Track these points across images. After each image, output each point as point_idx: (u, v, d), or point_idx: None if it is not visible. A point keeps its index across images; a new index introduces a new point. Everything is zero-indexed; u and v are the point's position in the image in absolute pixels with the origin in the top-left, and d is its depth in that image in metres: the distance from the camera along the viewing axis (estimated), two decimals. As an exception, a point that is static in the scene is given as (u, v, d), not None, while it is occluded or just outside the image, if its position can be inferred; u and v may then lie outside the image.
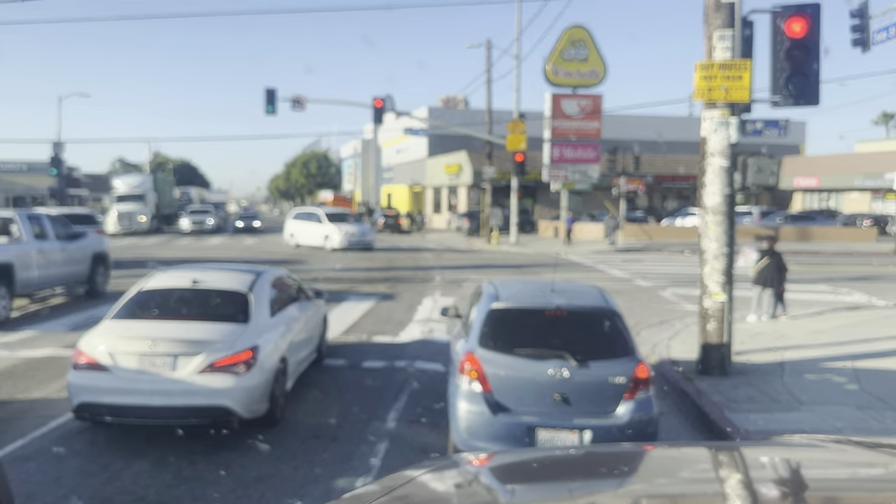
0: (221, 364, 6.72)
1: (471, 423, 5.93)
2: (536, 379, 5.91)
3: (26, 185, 55.76)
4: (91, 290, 16.08)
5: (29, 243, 13.95)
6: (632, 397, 5.91)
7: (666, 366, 9.97)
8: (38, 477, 6.12)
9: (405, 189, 69.16)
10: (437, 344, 11.49)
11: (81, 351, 6.89)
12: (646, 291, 17.97)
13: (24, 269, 13.57)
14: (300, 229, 32.43)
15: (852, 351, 10.63)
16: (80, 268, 15.64)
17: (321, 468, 6.38)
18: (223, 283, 7.94)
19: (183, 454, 6.56)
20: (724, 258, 9.27)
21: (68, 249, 15.17)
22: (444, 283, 19.45)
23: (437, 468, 2.42)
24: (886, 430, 7.23)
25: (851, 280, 20.23)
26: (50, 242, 14.60)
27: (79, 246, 15.63)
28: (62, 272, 14.99)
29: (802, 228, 38.02)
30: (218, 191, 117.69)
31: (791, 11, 8.97)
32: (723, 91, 8.89)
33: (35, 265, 13.93)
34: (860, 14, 17.57)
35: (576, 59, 35.66)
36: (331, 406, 8.19)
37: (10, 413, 7.80)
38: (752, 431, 7.08)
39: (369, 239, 31.10)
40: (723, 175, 9.19)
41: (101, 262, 16.54)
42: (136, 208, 43.52)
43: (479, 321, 6.37)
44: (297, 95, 32.03)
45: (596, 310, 6.45)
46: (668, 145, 55.87)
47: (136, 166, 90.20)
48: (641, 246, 33.63)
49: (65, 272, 15.09)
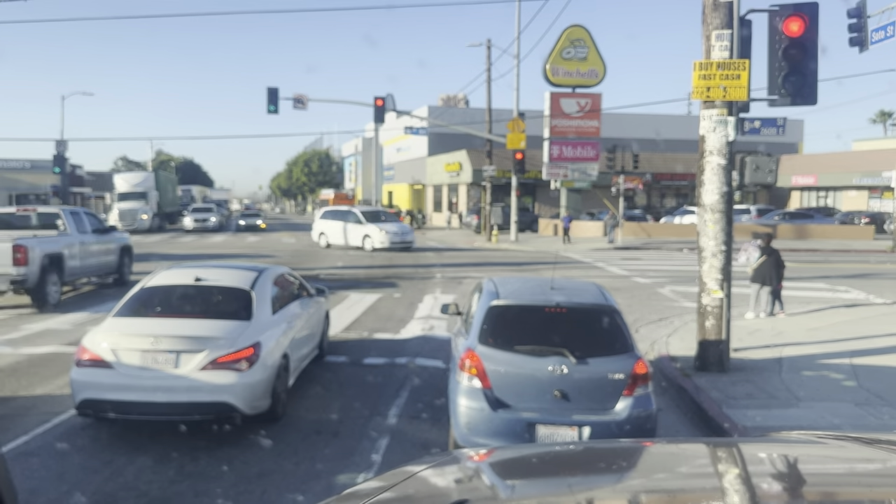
0: (224, 361, 6.76)
1: (471, 420, 5.97)
2: (536, 375, 5.96)
3: (29, 182, 55.64)
4: (119, 279, 17.68)
5: (73, 236, 15.51)
6: (631, 394, 5.96)
7: (665, 362, 10.02)
8: (41, 472, 6.16)
9: (406, 187, 69.21)
10: (437, 341, 11.54)
11: (85, 348, 6.94)
12: (645, 289, 18.02)
13: (71, 259, 15.13)
14: (332, 229, 30.97)
15: (850, 348, 10.68)
16: (111, 259, 17.31)
17: (323, 464, 6.42)
18: (225, 281, 7.99)
19: (185, 450, 6.60)
20: (722, 255, 9.32)
21: (102, 242, 16.86)
22: (444, 281, 19.48)
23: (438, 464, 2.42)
24: (884, 426, 7.28)
25: (849, 277, 20.27)
26: (88, 236, 16.15)
27: (110, 239, 17.31)
28: (99, 262, 16.66)
29: (800, 226, 38.01)
30: (220, 189, 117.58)
31: (789, 11, 9.00)
32: (721, 90, 8.93)
33: (78, 256, 15.51)
34: (858, 14, 17.60)
35: (575, 58, 35.70)
36: (332, 402, 8.24)
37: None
38: (750, 428, 7.12)
39: (411, 238, 29.93)
40: (721, 173, 9.23)
41: (126, 254, 18.14)
42: (137, 206, 43.52)
43: (480, 318, 6.41)
44: (299, 94, 32.02)
45: (595, 307, 6.49)
46: (666, 144, 55.85)
47: (140, 164, 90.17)
48: (640, 244, 33.68)
49: (101, 262, 16.76)
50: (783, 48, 9.05)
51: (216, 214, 47.64)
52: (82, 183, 62.22)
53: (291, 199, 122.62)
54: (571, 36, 35.74)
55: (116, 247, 17.58)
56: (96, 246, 16.48)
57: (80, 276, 15.97)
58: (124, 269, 17.95)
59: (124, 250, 17.97)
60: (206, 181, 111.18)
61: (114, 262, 17.44)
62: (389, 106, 32.92)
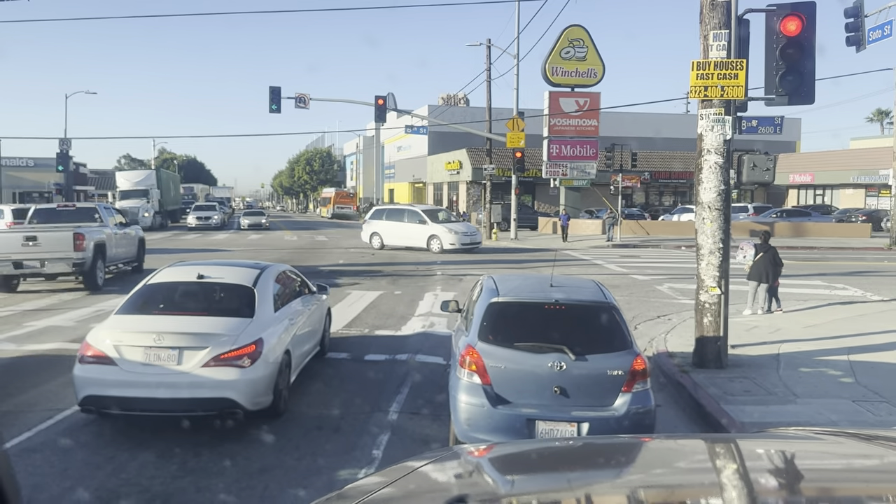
0: (226, 357, 6.80)
1: (471, 416, 6.02)
2: (536, 372, 6.00)
3: (33, 180, 55.44)
4: (137, 267, 19.86)
5: (110, 228, 17.97)
6: (629, 390, 6.00)
7: (663, 359, 10.07)
8: (45, 468, 6.19)
9: (407, 186, 69.26)
10: (438, 337, 11.59)
11: (89, 344, 6.97)
12: (643, 286, 18.07)
13: (110, 248, 17.50)
14: (389, 229, 29.11)
15: (847, 345, 10.74)
16: (132, 249, 19.61)
17: (324, 459, 6.47)
18: (228, 278, 8.04)
19: (188, 446, 6.64)
20: (719, 253, 9.37)
21: (127, 234, 19.29)
22: (445, 278, 19.53)
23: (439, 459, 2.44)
24: (882, 422, 7.32)
25: (846, 275, 20.32)
26: (118, 228, 18.62)
27: (132, 231, 19.74)
28: (125, 252, 18.97)
29: (797, 224, 38.03)
30: (223, 187, 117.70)
31: (786, 11, 9.04)
32: (719, 89, 8.97)
33: (114, 245, 17.85)
34: (855, 13, 17.65)
35: (574, 58, 35.72)
36: (334, 398, 8.28)
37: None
38: (748, 423, 7.15)
39: (479, 238, 28.59)
40: (718, 172, 9.28)
41: (142, 245, 20.48)
42: (139, 204, 43.52)
43: (480, 315, 6.45)
44: (301, 94, 32.05)
45: (594, 304, 6.53)
46: (664, 142, 55.93)
47: (143, 163, 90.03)
48: (638, 242, 33.71)
49: (127, 252, 19.10)
50: (780, 47, 9.09)
51: (219, 212, 47.83)
52: (86, 181, 62.07)
53: (293, 198, 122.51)
54: (570, 36, 35.75)
55: (136, 238, 19.87)
56: (124, 238, 18.87)
57: (113, 262, 18.15)
58: (142, 259, 20.29)
59: (141, 242, 20.26)
60: (209, 179, 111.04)
61: (134, 252, 19.69)
62: (390, 105, 32.94)
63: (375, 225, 29.82)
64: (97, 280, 16.56)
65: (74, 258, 15.84)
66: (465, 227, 28.58)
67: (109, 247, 17.40)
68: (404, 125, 44.26)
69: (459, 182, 54.93)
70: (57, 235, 15.92)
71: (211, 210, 47.86)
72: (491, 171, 36.32)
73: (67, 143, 41.63)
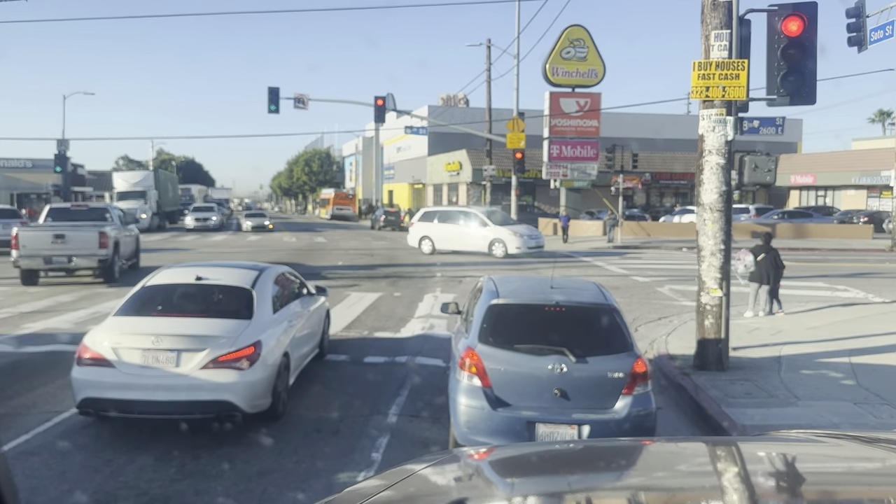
0: (225, 359, 6.77)
1: (471, 418, 5.99)
2: (536, 374, 5.97)
3: (31, 181, 55.52)
4: (135, 264, 21.05)
5: (119, 227, 19.59)
6: (630, 392, 5.97)
7: (664, 361, 10.04)
8: (42, 471, 6.16)
9: (406, 187, 69.28)
10: (437, 339, 11.56)
11: (86, 346, 6.94)
12: (644, 288, 18.04)
13: (121, 245, 19.01)
14: (441, 233, 27.32)
15: (849, 347, 10.70)
16: (133, 247, 21.02)
17: (323, 462, 6.44)
18: (226, 280, 8.00)
19: (186, 448, 6.61)
20: (721, 254, 9.34)
21: (130, 232, 20.78)
22: (444, 280, 19.51)
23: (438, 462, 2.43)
24: (883, 424, 7.29)
25: (847, 276, 20.28)
26: (123, 227, 20.03)
27: (132, 230, 21.30)
28: (128, 249, 20.33)
29: (799, 225, 38.01)
30: (221, 188, 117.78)
31: (788, 11, 9.02)
32: (720, 90, 8.94)
33: (123, 242, 19.28)
34: (857, 13, 17.63)
35: (575, 58, 35.73)
36: (333, 401, 8.25)
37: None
38: (749, 426, 7.13)
39: (542, 241, 27.10)
40: (720, 172, 9.25)
41: (138, 244, 21.93)
42: (136, 205, 43.53)
43: (480, 317, 6.42)
44: (300, 94, 32.07)
45: (595, 306, 6.51)
46: (665, 143, 55.90)
47: (141, 164, 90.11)
48: (639, 243, 33.69)
49: (130, 249, 20.61)
50: (782, 48, 9.06)
51: (217, 214, 47.87)
52: (83, 182, 62.17)
53: (292, 199, 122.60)
54: (571, 36, 35.77)
55: (136, 236, 21.53)
56: (128, 236, 20.37)
57: (122, 259, 19.41)
58: (139, 256, 21.69)
59: (137, 240, 21.80)
60: (208, 180, 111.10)
61: (134, 249, 21.15)
62: (390, 106, 32.97)
63: (426, 228, 27.88)
64: (115, 274, 18.26)
65: (100, 255, 17.66)
66: (529, 230, 27.13)
67: (122, 244, 19.07)
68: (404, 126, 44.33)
69: (459, 183, 54.95)
70: (84, 234, 17.63)
71: (209, 211, 47.92)
72: (491, 171, 36.35)
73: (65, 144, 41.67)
